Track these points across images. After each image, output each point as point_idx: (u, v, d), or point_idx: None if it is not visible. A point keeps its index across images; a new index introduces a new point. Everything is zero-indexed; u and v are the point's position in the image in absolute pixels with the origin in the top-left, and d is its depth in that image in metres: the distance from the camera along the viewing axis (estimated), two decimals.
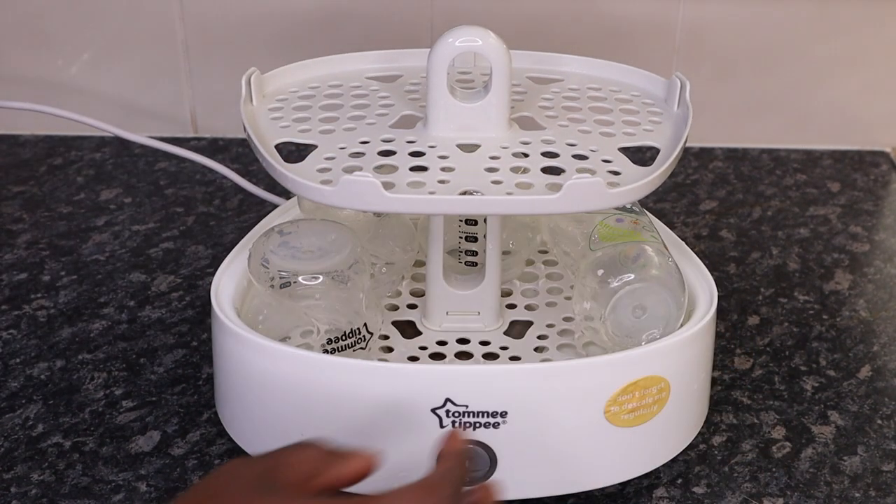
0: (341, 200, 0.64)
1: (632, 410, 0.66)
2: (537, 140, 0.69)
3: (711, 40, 1.09)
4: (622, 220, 0.75)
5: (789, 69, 1.10)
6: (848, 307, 0.90)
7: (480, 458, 0.65)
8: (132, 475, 0.72)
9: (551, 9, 1.07)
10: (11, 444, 0.74)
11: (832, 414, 0.78)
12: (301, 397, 0.66)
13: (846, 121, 1.13)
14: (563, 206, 0.63)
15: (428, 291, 0.76)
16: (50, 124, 1.10)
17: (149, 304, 0.88)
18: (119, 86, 1.12)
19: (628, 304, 0.70)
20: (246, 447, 0.70)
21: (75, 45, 1.10)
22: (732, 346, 0.85)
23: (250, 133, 0.70)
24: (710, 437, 0.76)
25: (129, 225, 0.99)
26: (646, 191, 0.65)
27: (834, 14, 1.08)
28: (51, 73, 1.11)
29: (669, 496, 0.71)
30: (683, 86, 0.74)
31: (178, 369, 0.81)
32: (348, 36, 1.09)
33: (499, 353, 0.74)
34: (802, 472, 0.73)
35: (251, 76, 0.74)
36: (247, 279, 0.73)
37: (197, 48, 1.10)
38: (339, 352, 0.71)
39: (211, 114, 1.14)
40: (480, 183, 0.64)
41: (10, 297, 0.89)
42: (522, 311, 0.79)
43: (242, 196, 1.03)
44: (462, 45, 0.68)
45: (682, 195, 1.06)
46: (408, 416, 0.65)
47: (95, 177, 1.07)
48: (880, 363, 0.83)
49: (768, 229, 1.00)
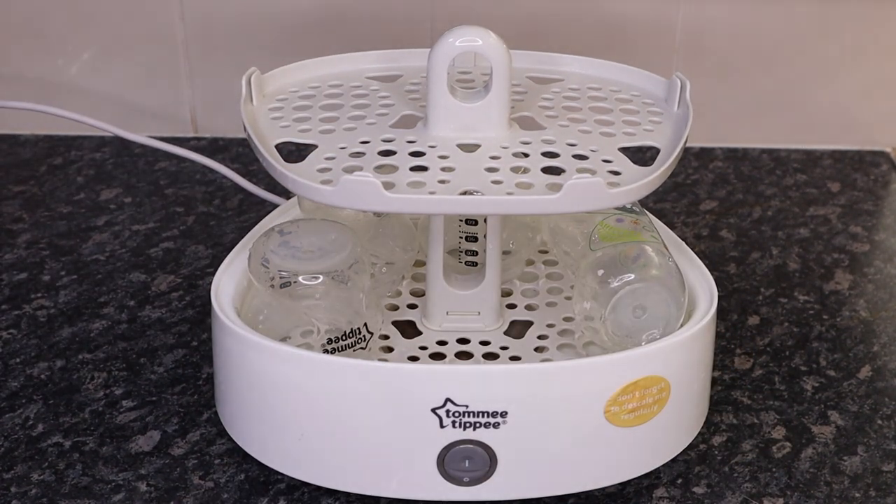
0: (341, 200, 0.64)
1: (632, 410, 0.66)
2: (537, 140, 0.69)
3: (711, 40, 1.09)
4: (622, 220, 0.75)
5: (789, 69, 1.10)
6: (848, 307, 0.90)
7: (480, 458, 0.66)
8: (132, 475, 0.72)
9: (551, 9, 1.07)
10: (11, 444, 0.74)
11: (832, 414, 0.78)
12: (301, 397, 0.66)
13: (846, 121, 1.13)
14: (563, 206, 0.63)
15: (428, 291, 0.76)
16: (50, 124, 1.10)
17: (149, 303, 0.88)
18: (119, 86, 1.12)
19: (628, 304, 0.70)
20: (246, 447, 0.70)
21: (75, 45, 1.10)
22: (732, 346, 0.85)
23: (250, 133, 0.70)
24: (710, 437, 0.76)
25: (129, 225, 0.99)
26: (646, 191, 0.65)
27: (834, 14, 1.08)
28: (51, 73, 1.11)
29: (669, 496, 0.71)
30: (683, 86, 0.74)
31: (178, 369, 0.81)
32: (348, 36, 1.09)
33: (499, 353, 0.74)
34: (802, 472, 0.73)
35: (251, 76, 0.74)
36: (247, 279, 0.73)
37: (197, 48, 1.10)
38: (339, 352, 0.71)
39: (211, 114, 1.14)
40: (480, 183, 0.64)
41: (10, 297, 0.89)
42: (522, 311, 0.79)
43: (242, 196, 1.03)
44: (462, 45, 0.68)
45: (682, 195, 1.06)
46: (408, 416, 0.65)
47: (95, 177, 1.07)
48: (880, 363, 0.83)
49: (768, 229, 1.00)
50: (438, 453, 0.65)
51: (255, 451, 0.70)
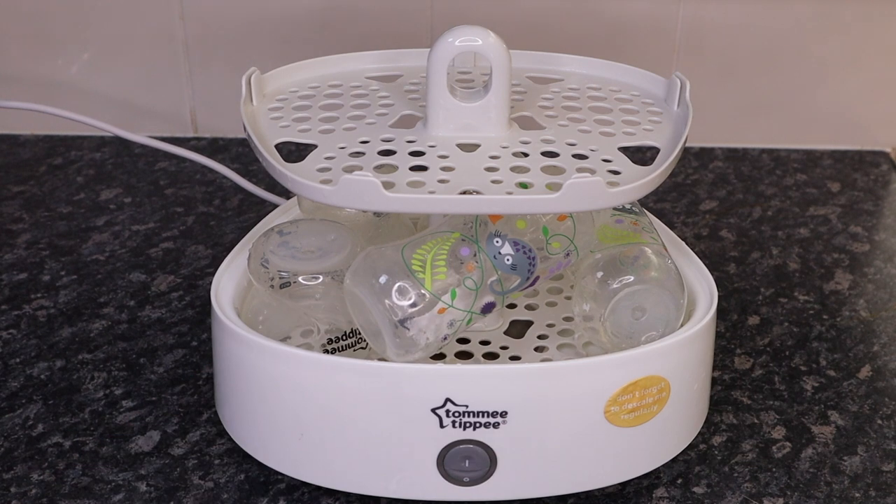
0: (341, 200, 0.64)
1: (632, 410, 0.66)
2: (537, 140, 0.69)
3: (711, 40, 1.09)
4: (622, 222, 0.75)
5: (789, 69, 1.10)
6: (848, 307, 0.90)
7: (480, 458, 0.66)
8: (132, 475, 0.72)
9: (551, 9, 1.07)
10: (11, 444, 0.74)
11: (832, 414, 0.78)
12: (301, 397, 0.66)
13: (846, 121, 1.13)
14: (563, 206, 0.63)
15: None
16: (50, 124, 1.10)
17: (149, 304, 0.88)
18: (119, 86, 1.12)
19: (628, 305, 0.70)
20: (246, 447, 0.70)
21: (75, 45, 1.10)
22: (732, 346, 0.85)
23: (250, 133, 0.70)
24: (710, 437, 0.76)
25: (129, 225, 0.99)
26: (646, 190, 0.65)
27: (834, 14, 1.08)
28: (51, 73, 1.11)
29: (669, 496, 0.71)
30: (683, 85, 0.74)
31: (178, 369, 0.81)
32: (348, 36, 1.09)
33: (499, 353, 0.74)
34: (802, 472, 0.73)
35: (251, 76, 0.74)
36: (247, 279, 0.73)
37: (197, 48, 1.10)
38: (339, 352, 0.71)
39: (211, 114, 1.14)
40: (480, 182, 0.64)
41: (10, 297, 0.89)
42: (522, 311, 0.79)
43: (242, 196, 1.03)
44: (462, 45, 0.68)
45: (682, 195, 1.06)
46: (408, 416, 0.65)
47: (95, 177, 1.07)
48: (880, 363, 0.83)
49: (768, 229, 1.00)
50: (438, 453, 0.65)
51: (255, 451, 0.70)
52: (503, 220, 0.68)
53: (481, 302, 0.67)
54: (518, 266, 0.68)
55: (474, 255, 0.67)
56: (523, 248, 0.68)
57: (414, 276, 0.65)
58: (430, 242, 0.67)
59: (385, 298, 0.65)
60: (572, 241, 0.70)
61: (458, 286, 0.66)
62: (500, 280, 0.67)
